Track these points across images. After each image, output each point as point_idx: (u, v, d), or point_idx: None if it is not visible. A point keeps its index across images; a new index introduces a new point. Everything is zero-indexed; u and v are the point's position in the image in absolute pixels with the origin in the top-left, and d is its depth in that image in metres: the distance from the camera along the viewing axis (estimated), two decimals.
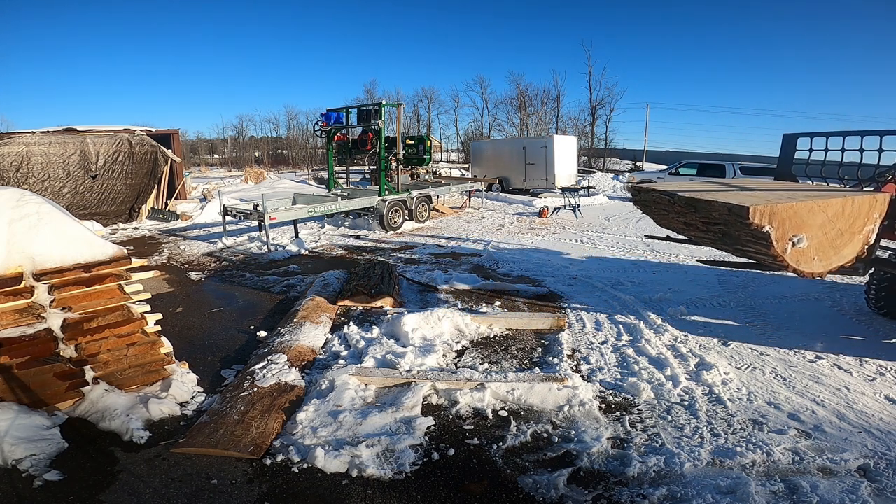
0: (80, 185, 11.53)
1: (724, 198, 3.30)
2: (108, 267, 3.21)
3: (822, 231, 3.24)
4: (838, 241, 3.29)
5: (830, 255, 3.34)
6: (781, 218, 3.07)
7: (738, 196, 3.40)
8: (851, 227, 3.26)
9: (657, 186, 4.20)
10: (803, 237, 3.17)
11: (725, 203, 3.11)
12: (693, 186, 4.18)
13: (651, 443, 2.84)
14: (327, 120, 10.83)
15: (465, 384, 3.39)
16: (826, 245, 3.31)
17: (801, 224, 3.19)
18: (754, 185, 4.05)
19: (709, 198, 3.34)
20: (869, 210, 3.24)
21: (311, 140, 39.76)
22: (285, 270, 7.17)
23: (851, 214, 3.23)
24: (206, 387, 3.58)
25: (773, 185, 3.98)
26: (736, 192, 3.62)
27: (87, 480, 2.57)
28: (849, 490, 2.40)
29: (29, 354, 2.93)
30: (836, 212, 3.20)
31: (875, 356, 3.95)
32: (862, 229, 3.28)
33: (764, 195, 3.41)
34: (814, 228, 3.22)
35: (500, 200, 16.15)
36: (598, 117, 33.37)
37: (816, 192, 3.62)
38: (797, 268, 3.30)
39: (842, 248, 3.33)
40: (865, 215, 3.25)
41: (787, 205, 3.03)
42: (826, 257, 3.35)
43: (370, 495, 2.45)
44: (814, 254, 3.33)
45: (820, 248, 3.31)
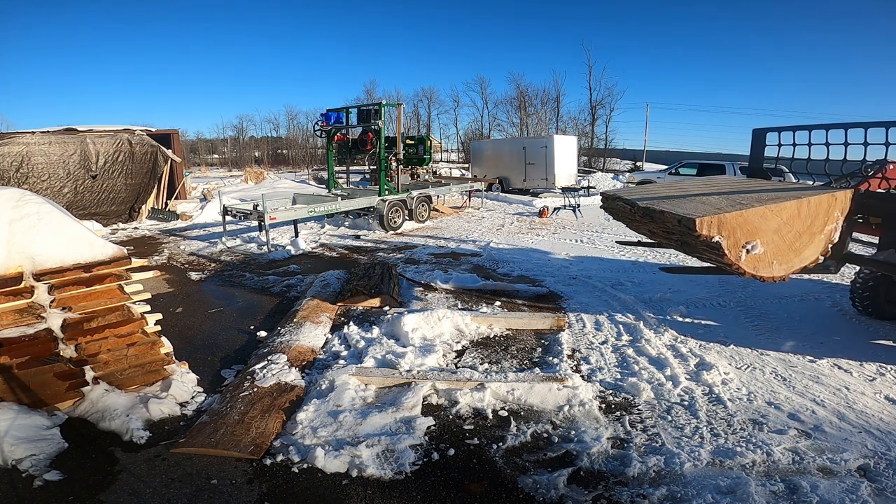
0: (80, 185, 11.53)
1: (677, 208, 3.26)
2: (108, 267, 3.21)
3: (777, 235, 3.20)
4: (797, 243, 3.24)
5: (791, 258, 3.29)
6: (731, 227, 3.04)
7: (692, 204, 3.32)
8: (810, 227, 3.20)
9: (622, 194, 4.18)
10: (757, 244, 3.14)
11: (675, 214, 3.10)
12: (659, 192, 4.12)
13: (651, 443, 2.84)
14: (327, 120, 10.83)
15: (465, 384, 3.39)
16: (784, 248, 3.26)
17: (754, 231, 3.15)
18: (720, 186, 3.88)
19: (662, 208, 3.31)
20: (828, 209, 3.17)
21: (311, 140, 39.77)
22: (285, 270, 7.17)
23: (809, 215, 3.17)
24: (206, 387, 3.58)
25: (739, 186, 3.83)
26: (693, 199, 3.49)
27: (87, 480, 2.57)
28: (849, 490, 2.40)
29: (29, 354, 2.93)
30: (790, 215, 3.14)
31: (874, 356, 3.95)
32: (822, 229, 3.22)
33: (721, 201, 3.32)
34: (768, 234, 3.18)
35: (500, 200, 16.15)
36: (598, 117, 33.40)
37: (779, 192, 3.52)
38: (755, 273, 3.28)
39: (802, 250, 3.27)
40: (825, 215, 3.18)
41: (735, 214, 2.98)
42: (786, 260, 3.30)
43: (370, 495, 2.45)
44: (771, 258, 3.30)
45: (778, 252, 3.27)
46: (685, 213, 3.07)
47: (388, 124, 10.24)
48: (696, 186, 4.09)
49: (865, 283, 4.82)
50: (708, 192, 3.72)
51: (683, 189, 4.00)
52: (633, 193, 4.22)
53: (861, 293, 4.85)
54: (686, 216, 2.99)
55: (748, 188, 3.73)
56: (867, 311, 4.86)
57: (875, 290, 4.77)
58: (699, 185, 4.20)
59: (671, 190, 4.06)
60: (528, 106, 35.62)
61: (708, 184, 4.21)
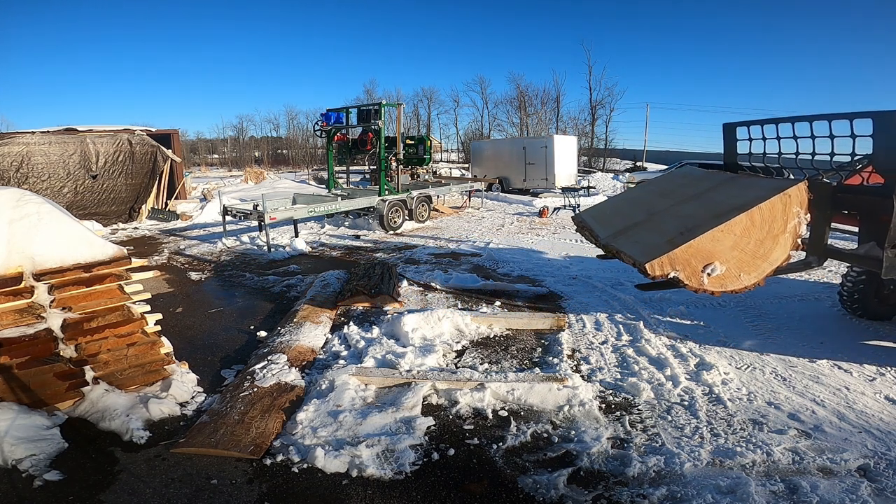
0: (80, 185, 11.53)
1: (633, 242, 3.31)
2: (108, 267, 3.21)
3: (736, 250, 3.17)
4: (761, 249, 3.19)
5: (759, 264, 3.24)
6: (684, 259, 3.07)
7: (648, 235, 3.31)
8: (770, 231, 3.14)
9: (589, 222, 4.19)
10: (716, 265, 3.15)
11: (630, 256, 3.18)
12: (623, 211, 4.00)
13: (651, 443, 2.84)
14: (327, 120, 10.83)
15: (465, 384, 3.39)
16: (748, 259, 3.23)
17: (710, 254, 3.15)
18: (677, 195, 3.76)
19: (619, 246, 3.36)
20: (784, 209, 3.10)
21: (311, 140, 39.78)
22: (285, 270, 7.17)
23: (765, 221, 3.11)
24: (206, 387, 3.57)
25: (694, 191, 3.69)
26: (651, 222, 3.43)
27: (87, 480, 2.57)
28: (849, 490, 2.40)
29: (29, 354, 2.93)
30: (743, 228, 3.09)
31: (874, 356, 3.95)
32: (784, 228, 3.14)
33: (672, 224, 3.27)
34: (725, 252, 3.16)
35: (500, 200, 16.15)
36: (598, 117, 33.38)
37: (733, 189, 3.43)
38: (726, 290, 3.30)
39: (769, 254, 3.21)
40: (783, 215, 3.11)
41: (683, 247, 3.01)
42: (755, 268, 3.26)
43: (370, 495, 2.45)
44: (737, 271, 3.27)
45: (742, 263, 3.24)
46: (637, 254, 3.15)
47: (388, 124, 10.24)
48: (659, 198, 3.95)
49: (854, 283, 4.73)
50: (667, 205, 3.62)
51: (647, 205, 3.89)
52: (600, 217, 4.21)
53: (850, 293, 4.77)
54: (637, 260, 3.07)
55: (703, 192, 3.58)
56: (856, 312, 4.80)
57: (864, 289, 4.69)
58: (662, 193, 4.07)
59: (635, 209, 3.95)
60: (528, 106, 35.63)
61: (668, 191, 4.04)
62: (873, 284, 4.62)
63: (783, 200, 3.07)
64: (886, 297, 4.69)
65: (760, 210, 3.04)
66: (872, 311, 4.73)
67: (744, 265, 3.26)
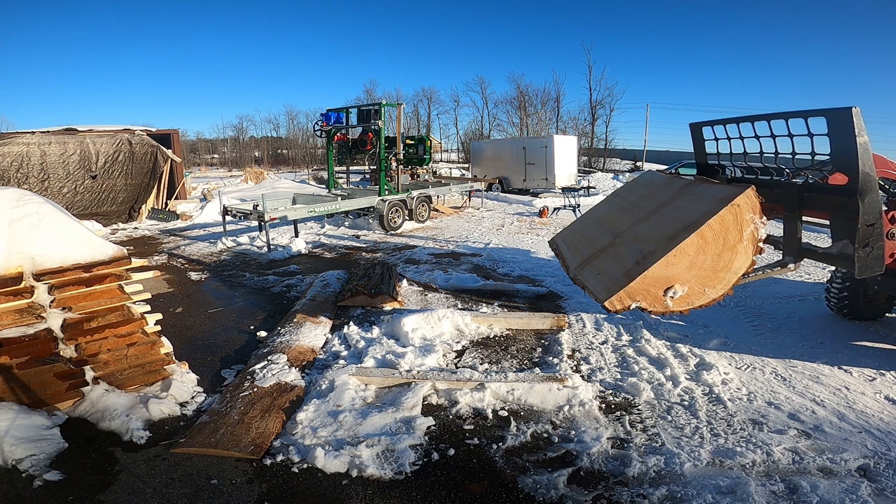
0: (79, 185, 11.53)
1: (596, 273, 3.33)
2: (108, 267, 3.21)
3: (694, 269, 3.13)
4: (720, 262, 3.14)
5: (723, 276, 3.20)
6: (643, 290, 3.09)
7: (608, 262, 3.33)
8: (726, 243, 3.09)
9: (561, 246, 4.21)
10: (676, 288, 3.14)
11: (592, 291, 3.21)
12: (591, 235, 3.93)
13: (651, 443, 2.84)
14: (327, 120, 10.83)
15: (465, 384, 3.39)
16: (710, 273, 3.19)
17: (668, 279, 3.13)
18: (642, 209, 3.68)
19: (584, 279, 3.39)
20: (736, 219, 3.03)
21: (311, 140, 39.82)
22: (285, 270, 7.17)
23: (718, 236, 3.05)
24: (206, 387, 3.57)
25: (660, 202, 3.61)
26: (613, 247, 3.42)
27: (87, 480, 2.57)
28: (849, 490, 2.40)
29: (29, 354, 2.93)
30: (697, 247, 3.04)
31: (874, 356, 3.96)
32: (741, 238, 3.08)
33: (628, 249, 3.26)
34: (683, 273, 3.12)
35: (500, 200, 16.15)
36: (598, 117, 33.44)
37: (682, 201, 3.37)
38: (693, 307, 3.29)
39: (731, 264, 3.16)
40: (735, 225, 3.04)
41: (639, 279, 3.01)
42: (719, 281, 3.22)
43: (370, 495, 2.45)
44: (701, 287, 3.24)
45: (705, 279, 3.20)
46: (598, 289, 3.18)
47: (388, 124, 10.24)
48: (621, 214, 3.88)
49: (841, 285, 4.70)
50: (628, 224, 3.57)
51: (611, 224, 3.84)
52: (571, 241, 4.19)
53: (838, 295, 4.75)
54: (597, 297, 3.11)
55: (659, 207, 3.50)
56: (844, 313, 4.79)
57: (851, 290, 4.67)
58: (624, 208, 3.94)
59: (600, 231, 3.89)
60: (528, 106, 35.68)
61: (630, 205, 3.94)
62: (860, 285, 4.60)
63: (732, 212, 3.00)
64: (873, 298, 4.68)
65: (710, 227, 2.98)
66: (860, 312, 4.72)
67: (707, 280, 3.24)
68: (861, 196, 2.91)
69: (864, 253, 3.03)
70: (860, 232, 2.98)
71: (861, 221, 2.95)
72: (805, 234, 3.64)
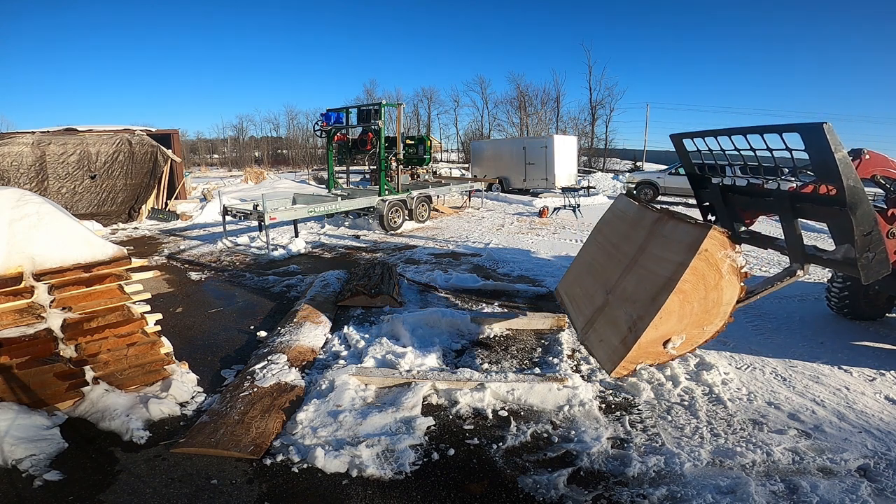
0: (79, 185, 11.53)
1: (598, 344, 3.44)
2: (108, 267, 3.21)
3: (685, 318, 3.18)
4: (709, 302, 3.18)
5: (718, 311, 3.26)
6: (643, 354, 3.21)
7: (609, 329, 3.38)
8: (708, 286, 3.12)
9: (565, 300, 4.30)
10: (673, 339, 3.23)
11: (598, 360, 3.40)
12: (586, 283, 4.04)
13: (651, 443, 2.84)
14: (327, 120, 10.83)
15: (465, 384, 3.39)
16: (703, 314, 3.22)
17: (662, 336, 3.19)
18: (623, 254, 3.68)
19: (590, 347, 3.52)
20: (709, 263, 3.03)
21: (311, 140, 39.82)
22: (285, 270, 7.17)
23: (697, 283, 3.07)
24: (206, 387, 3.57)
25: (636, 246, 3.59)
26: (608, 311, 3.46)
27: (87, 480, 2.57)
28: (849, 490, 2.40)
29: (29, 354, 2.93)
30: (679, 302, 3.07)
31: (874, 356, 3.96)
32: (721, 275, 3.10)
33: (627, 312, 3.28)
34: (675, 326, 3.18)
35: (500, 200, 16.15)
36: (598, 117, 33.46)
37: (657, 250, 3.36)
38: (699, 344, 3.41)
39: (721, 300, 3.20)
40: (710, 268, 3.05)
41: (634, 348, 3.11)
42: (715, 315, 3.28)
43: (370, 495, 2.45)
44: (699, 329, 3.29)
45: (700, 321, 3.24)
46: (603, 359, 3.33)
47: (388, 124, 10.24)
48: (608, 260, 3.90)
49: (842, 285, 4.70)
50: (616, 274, 3.59)
51: (602, 274, 3.86)
52: (571, 293, 4.24)
53: (839, 295, 4.74)
54: (604, 368, 3.27)
55: (637, 255, 3.50)
56: (845, 313, 4.78)
57: (852, 290, 4.66)
58: (608, 252, 3.96)
59: (594, 283, 3.89)
60: (528, 106, 35.69)
61: (612, 247, 3.95)
62: (861, 285, 4.59)
63: (703, 258, 3.01)
64: (874, 298, 4.67)
65: (686, 281, 3.00)
66: (861, 312, 4.71)
67: (702, 321, 3.28)
68: (852, 210, 2.91)
69: (867, 259, 3.03)
70: (858, 242, 2.97)
71: (857, 233, 2.96)
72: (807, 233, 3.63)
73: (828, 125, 2.74)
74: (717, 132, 3.74)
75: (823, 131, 2.75)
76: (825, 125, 2.75)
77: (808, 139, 2.91)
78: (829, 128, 2.75)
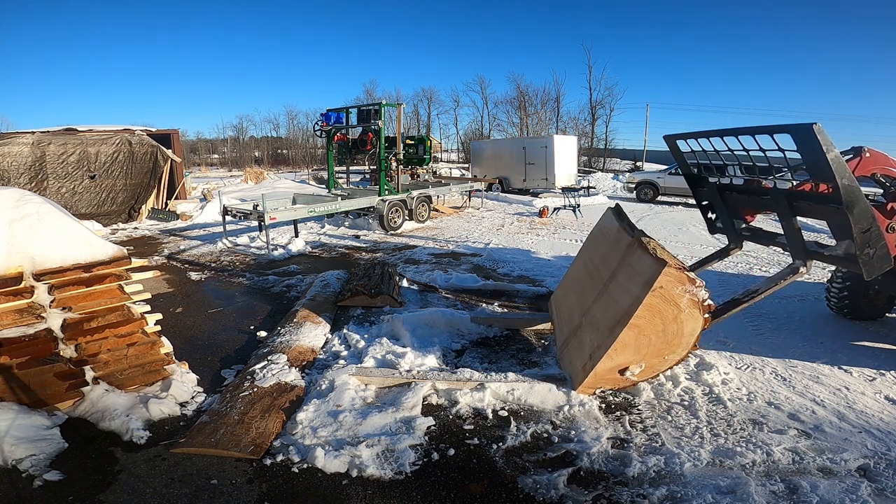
0: (79, 185, 11.53)
1: (569, 362, 3.52)
2: (108, 267, 3.21)
3: (643, 349, 3.12)
4: (668, 334, 3.11)
5: (678, 341, 3.19)
6: (600, 380, 3.23)
7: (578, 351, 3.43)
8: (666, 318, 3.03)
9: (553, 316, 4.31)
10: (632, 367, 3.22)
11: (569, 379, 3.42)
12: (570, 299, 4.05)
13: (651, 443, 2.84)
14: (327, 120, 10.83)
15: (465, 384, 3.39)
16: (663, 345, 3.16)
17: (618, 365, 3.18)
18: (599, 276, 3.69)
19: (563, 364, 3.58)
20: (665, 297, 2.95)
21: (311, 140, 39.83)
22: (285, 270, 7.17)
23: (653, 317, 3.00)
24: (206, 387, 3.57)
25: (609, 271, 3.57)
26: (580, 333, 3.48)
27: (87, 480, 2.57)
28: (849, 490, 2.40)
29: (29, 354, 2.93)
30: (635, 336, 3.03)
31: (874, 356, 3.96)
32: (680, 308, 3.02)
33: (591, 338, 3.31)
34: (631, 356, 3.15)
35: (500, 200, 16.15)
36: (598, 117, 33.48)
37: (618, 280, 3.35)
38: (661, 371, 3.40)
39: (682, 329, 3.11)
40: (667, 302, 2.98)
41: (591, 375, 3.16)
42: (676, 345, 3.21)
43: (370, 495, 2.45)
44: (659, 358, 3.24)
45: (659, 351, 3.19)
46: (571, 376, 3.40)
47: (388, 124, 10.24)
48: (588, 279, 3.90)
49: (842, 284, 4.68)
50: (592, 296, 3.60)
51: (581, 293, 3.88)
52: (559, 308, 4.29)
53: (838, 295, 4.72)
54: (572, 385, 3.34)
55: (609, 280, 3.49)
56: (844, 313, 4.76)
57: (852, 290, 4.64)
58: (590, 272, 3.96)
59: (574, 302, 3.93)
60: (528, 106, 35.70)
61: (593, 266, 3.95)
62: (860, 285, 4.59)
63: (658, 294, 2.94)
64: (874, 298, 4.67)
65: (639, 317, 2.97)
66: (861, 312, 4.70)
67: (663, 351, 3.24)
68: (849, 208, 2.90)
69: (868, 255, 3.02)
70: (857, 240, 2.97)
71: (855, 230, 2.95)
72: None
73: (818, 126, 2.73)
74: (710, 133, 3.74)
75: (814, 132, 2.73)
76: (815, 126, 2.73)
77: (800, 140, 2.90)
78: (819, 128, 2.73)
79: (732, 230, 4.37)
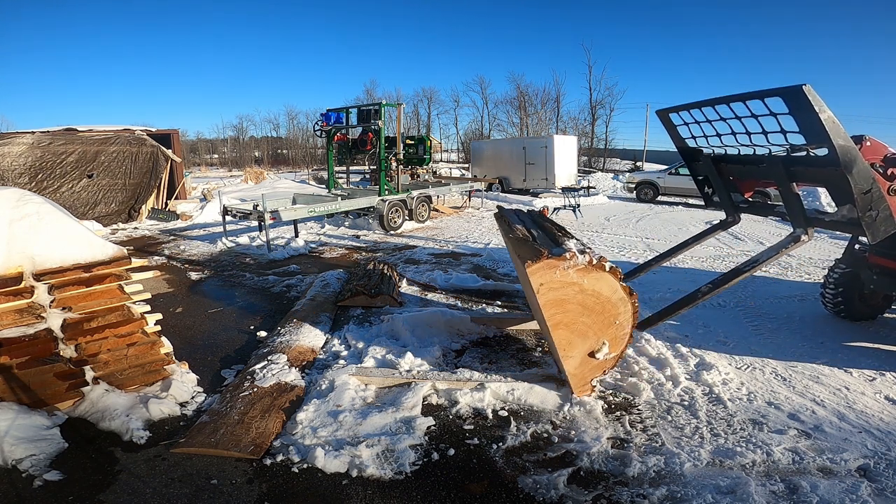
0: (79, 185, 11.52)
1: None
2: (108, 267, 3.21)
3: (587, 331, 3.08)
4: (594, 303, 3.03)
5: (612, 302, 3.07)
6: (580, 378, 3.23)
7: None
8: (575, 298, 2.99)
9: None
10: (597, 354, 3.14)
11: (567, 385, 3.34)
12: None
13: (651, 443, 2.84)
14: (327, 120, 10.83)
15: (465, 384, 3.39)
16: (602, 316, 3.08)
17: (582, 354, 3.14)
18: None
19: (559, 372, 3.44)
20: (554, 289, 2.92)
21: (311, 140, 39.84)
22: (285, 270, 7.17)
23: (562, 304, 2.96)
24: (206, 387, 3.57)
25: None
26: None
27: (87, 480, 2.57)
28: (849, 490, 2.40)
29: (29, 354, 2.93)
30: (567, 329, 3.02)
31: (874, 356, 3.96)
32: (575, 280, 2.95)
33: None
34: (582, 344, 3.11)
35: (500, 200, 16.14)
36: (598, 117, 33.49)
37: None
38: (630, 328, 3.22)
39: (601, 295, 3.04)
40: (563, 286, 2.92)
41: (571, 378, 3.19)
42: (614, 306, 3.08)
43: (370, 495, 2.45)
44: (609, 325, 3.14)
45: (605, 321, 3.12)
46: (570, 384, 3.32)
47: (388, 124, 10.24)
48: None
49: (837, 284, 4.65)
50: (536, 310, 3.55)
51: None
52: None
53: (833, 294, 4.69)
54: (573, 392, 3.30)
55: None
56: (838, 312, 4.74)
57: (847, 290, 4.61)
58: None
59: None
60: (528, 106, 35.71)
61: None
62: (856, 285, 4.58)
63: (545, 291, 2.93)
64: (868, 298, 4.65)
65: (554, 317, 3.02)
66: (856, 312, 4.69)
67: (606, 320, 3.13)
68: (847, 169, 2.84)
69: (871, 217, 2.96)
70: (858, 201, 2.91)
71: (856, 192, 2.89)
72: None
73: (807, 87, 2.69)
74: (702, 103, 3.69)
75: (804, 93, 2.70)
76: (805, 87, 2.69)
77: (791, 103, 2.85)
78: (808, 89, 2.69)
79: (729, 203, 4.34)
